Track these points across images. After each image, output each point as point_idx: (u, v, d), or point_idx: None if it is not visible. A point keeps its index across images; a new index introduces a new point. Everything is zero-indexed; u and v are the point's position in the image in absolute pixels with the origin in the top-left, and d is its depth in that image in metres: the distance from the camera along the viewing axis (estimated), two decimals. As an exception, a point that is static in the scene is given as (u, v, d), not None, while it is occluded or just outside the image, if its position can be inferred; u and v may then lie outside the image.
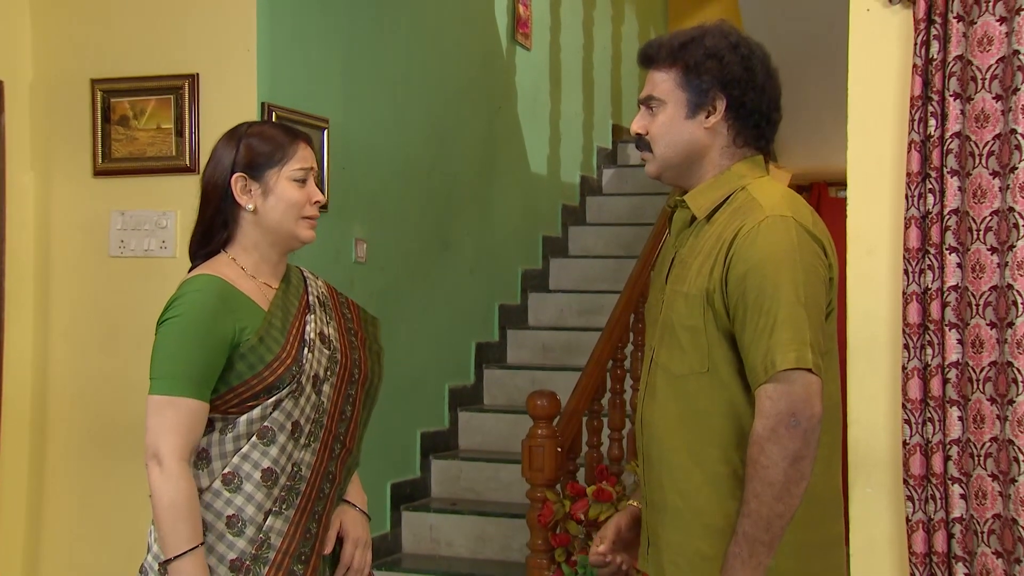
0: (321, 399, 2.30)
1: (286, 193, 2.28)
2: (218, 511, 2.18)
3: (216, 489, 2.19)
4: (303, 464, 2.26)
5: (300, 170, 2.30)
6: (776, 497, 1.91)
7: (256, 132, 2.33)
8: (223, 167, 2.29)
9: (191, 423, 2.15)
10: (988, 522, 2.44)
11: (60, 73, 3.94)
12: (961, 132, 2.48)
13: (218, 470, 2.20)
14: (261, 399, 2.21)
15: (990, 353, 2.44)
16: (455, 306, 5.49)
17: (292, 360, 2.24)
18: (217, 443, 2.21)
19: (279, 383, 2.21)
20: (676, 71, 2.11)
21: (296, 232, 2.30)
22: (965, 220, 2.47)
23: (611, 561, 2.25)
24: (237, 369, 2.19)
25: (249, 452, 2.20)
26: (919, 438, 2.53)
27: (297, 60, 4.08)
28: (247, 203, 2.28)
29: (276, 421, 2.22)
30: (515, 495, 4.72)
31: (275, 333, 2.25)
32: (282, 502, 2.22)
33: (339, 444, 2.35)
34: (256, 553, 2.19)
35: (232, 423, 2.21)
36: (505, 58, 6.16)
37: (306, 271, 2.47)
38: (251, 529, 2.19)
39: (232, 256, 2.30)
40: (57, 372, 3.95)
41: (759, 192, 2.07)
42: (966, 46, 2.47)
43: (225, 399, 2.21)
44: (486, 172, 5.89)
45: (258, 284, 2.30)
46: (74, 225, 3.94)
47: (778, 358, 1.92)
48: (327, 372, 2.32)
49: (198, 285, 2.22)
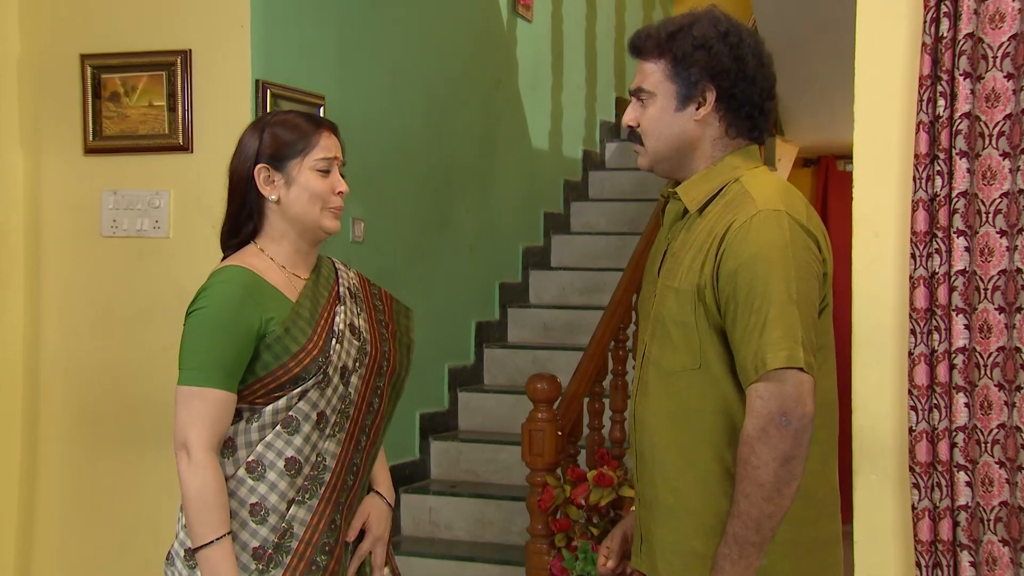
0: (348, 390, 2.31)
1: (309, 183, 2.29)
2: (242, 499, 2.21)
3: (240, 477, 2.22)
4: (328, 454, 2.28)
5: (323, 160, 2.30)
6: (766, 498, 1.89)
7: (280, 121, 2.33)
8: (247, 157, 2.31)
9: (219, 414, 2.18)
10: (995, 510, 2.43)
11: (49, 48, 3.90)
12: (971, 112, 2.44)
13: (243, 459, 2.23)
14: (287, 389, 2.23)
15: (998, 338, 2.41)
16: (455, 285, 5.46)
17: (319, 351, 2.25)
18: (243, 432, 2.23)
19: (305, 373, 2.23)
20: (664, 62, 2.07)
21: (320, 222, 2.31)
22: (974, 202, 2.44)
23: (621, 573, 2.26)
24: (264, 359, 2.22)
25: (273, 441, 2.22)
26: (925, 425, 2.51)
27: (292, 36, 4.03)
28: (270, 194, 2.29)
29: (301, 411, 2.23)
30: (515, 477, 4.70)
31: (302, 324, 2.26)
32: (306, 492, 2.25)
33: (365, 436, 2.37)
34: (279, 542, 2.22)
35: (258, 413, 2.23)
36: (506, 31, 6.10)
37: (338, 262, 2.48)
38: (274, 517, 2.22)
39: (261, 247, 2.32)
40: (49, 354, 3.93)
41: (752, 184, 2.03)
42: (977, 23, 2.43)
43: (252, 389, 2.23)
44: (486, 148, 5.83)
45: (287, 275, 2.31)
46: (65, 204, 3.91)
47: (769, 357, 1.90)
48: (356, 363, 2.33)
49: (225, 276, 2.24)
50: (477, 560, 4.42)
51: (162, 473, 3.70)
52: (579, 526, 3.60)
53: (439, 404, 5.27)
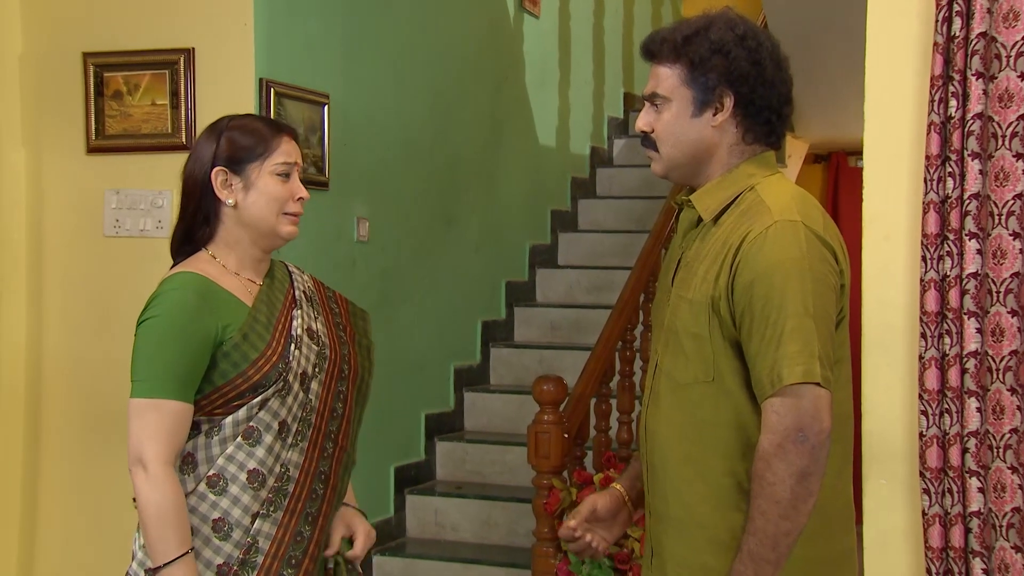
0: (309, 397, 2.24)
1: (268, 188, 2.22)
2: (204, 515, 2.14)
3: (201, 492, 2.14)
4: (291, 464, 2.21)
5: (283, 164, 2.24)
6: (782, 515, 1.85)
7: (238, 125, 2.26)
8: (203, 161, 2.24)
9: (175, 426, 2.10)
10: (1007, 516, 2.40)
11: (51, 46, 3.89)
12: (983, 113, 2.41)
13: (204, 473, 2.15)
14: (247, 398, 2.16)
15: (1011, 342, 2.39)
16: (460, 284, 5.43)
17: (278, 357, 2.19)
18: (203, 447, 2.16)
19: (265, 381, 2.16)
20: (680, 67, 2.02)
21: (277, 228, 2.25)
22: (986, 204, 2.41)
23: (580, 537, 2.20)
24: (221, 368, 2.14)
25: (234, 453, 2.15)
26: (936, 430, 2.49)
27: (296, 33, 4.01)
28: (227, 198, 2.22)
29: (262, 421, 2.16)
30: (522, 478, 4.67)
31: (260, 329, 2.19)
32: (270, 504, 2.18)
33: (331, 443, 2.30)
34: (244, 558, 2.15)
35: (218, 425, 2.16)
36: (512, 26, 6.07)
37: (291, 265, 2.42)
38: (238, 532, 2.14)
39: (212, 253, 2.25)
40: (51, 354, 3.92)
41: (768, 193, 2.00)
42: (990, 22, 2.39)
43: (210, 399, 2.16)
44: (492, 145, 5.81)
45: (241, 280, 2.25)
46: (67, 204, 3.91)
47: (785, 372, 1.86)
48: (315, 369, 2.26)
49: (177, 283, 2.17)
50: (483, 563, 4.40)
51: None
52: (585, 529, 3.57)
53: (445, 404, 5.25)
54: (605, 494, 2.24)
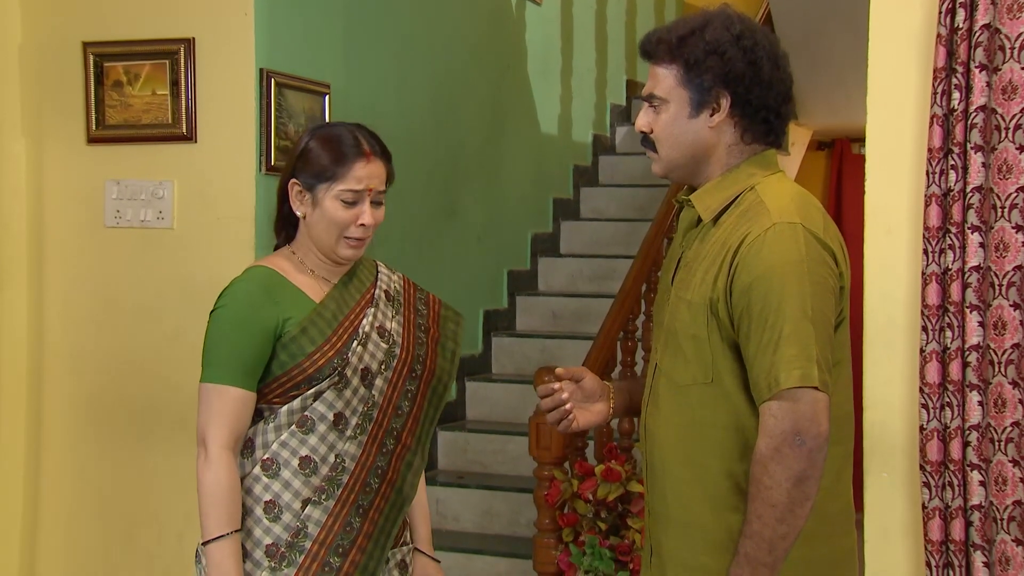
0: (372, 392, 2.32)
1: (329, 211, 2.28)
2: (257, 496, 2.25)
3: (256, 474, 2.25)
4: (347, 456, 2.29)
5: (350, 192, 2.28)
6: (779, 519, 1.85)
7: (322, 137, 2.31)
8: (289, 164, 2.34)
9: (236, 411, 2.21)
10: (1008, 509, 2.41)
11: (50, 35, 3.86)
12: (987, 105, 2.40)
13: (259, 457, 2.26)
14: (302, 389, 2.26)
15: (1013, 335, 2.39)
16: (462, 273, 5.42)
17: (335, 352, 2.27)
18: (261, 432, 2.27)
19: (319, 375, 2.25)
20: (676, 68, 2.02)
21: (336, 250, 2.31)
22: (989, 197, 2.41)
23: (559, 390, 2.15)
24: (281, 358, 2.25)
25: (288, 440, 2.26)
26: (937, 423, 2.49)
27: (296, 23, 3.99)
28: (298, 209, 2.32)
29: (316, 411, 2.26)
30: (523, 468, 4.65)
31: (321, 324, 2.28)
32: (322, 492, 2.26)
33: (392, 439, 2.36)
34: (292, 540, 2.24)
35: (275, 413, 2.27)
36: (514, 14, 6.04)
37: (383, 265, 2.49)
38: (287, 515, 2.24)
39: (294, 249, 2.36)
40: (52, 345, 3.91)
41: (767, 194, 1.99)
42: (994, 13, 2.39)
43: (271, 387, 2.26)
44: (494, 134, 5.79)
45: (316, 278, 2.34)
46: (68, 195, 3.88)
47: (782, 375, 1.86)
48: (382, 366, 2.34)
49: (245, 276, 2.30)
50: (484, 553, 4.39)
51: (167, 465, 3.70)
52: (587, 521, 3.58)
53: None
54: (595, 378, 2.23)
